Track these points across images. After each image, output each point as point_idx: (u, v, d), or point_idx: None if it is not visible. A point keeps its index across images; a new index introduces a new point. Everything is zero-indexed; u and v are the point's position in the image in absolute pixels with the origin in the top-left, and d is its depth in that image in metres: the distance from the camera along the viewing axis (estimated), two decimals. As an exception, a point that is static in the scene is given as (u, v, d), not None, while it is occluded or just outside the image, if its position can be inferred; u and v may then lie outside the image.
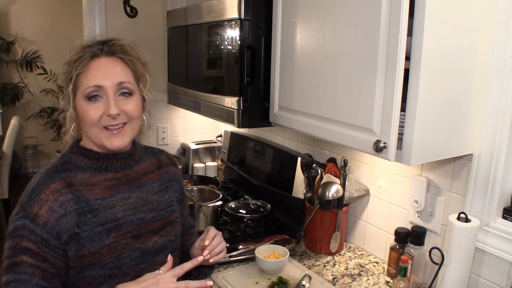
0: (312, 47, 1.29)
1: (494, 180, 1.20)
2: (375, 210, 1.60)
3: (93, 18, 2.23)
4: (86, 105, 0.97)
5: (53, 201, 0.93)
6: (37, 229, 0.91)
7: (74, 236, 0.94)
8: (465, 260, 1.19)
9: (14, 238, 0.91)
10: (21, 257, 0.90)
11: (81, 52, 0.98)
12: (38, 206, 0.92)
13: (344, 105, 1.19)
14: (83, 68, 0.97)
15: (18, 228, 0.92)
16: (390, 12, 1.01)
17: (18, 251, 0.90)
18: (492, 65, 1.15)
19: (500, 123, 1.16)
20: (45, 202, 0.93)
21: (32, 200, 0.93)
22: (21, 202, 0.95)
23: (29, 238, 0.91)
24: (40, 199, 0.93)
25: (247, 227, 1.77)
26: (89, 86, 0.96)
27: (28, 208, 0.92)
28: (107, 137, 0.99)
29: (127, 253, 1.00)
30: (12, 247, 0.91)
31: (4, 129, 4.44)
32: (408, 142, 1.06)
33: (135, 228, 1.02)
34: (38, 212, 0.92)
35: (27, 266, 0.89)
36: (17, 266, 0.89)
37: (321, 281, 1.39)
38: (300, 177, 1.71)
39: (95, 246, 0.96)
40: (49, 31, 4.96)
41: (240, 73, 1.52)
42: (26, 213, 0.92)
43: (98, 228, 0.97)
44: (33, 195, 0.94)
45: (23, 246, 0.90)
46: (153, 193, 1.09)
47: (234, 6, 1.50)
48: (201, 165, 2.43)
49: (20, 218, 0.92)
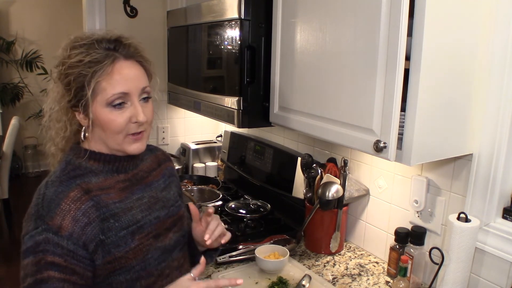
0: (312, 47, 1.29)
1: (494, 180, 1.20)
2: (375, 210, 1.60)
3: (93, 18, 2.23)
4: (110, 112, 0.92)
5: (75, 210, 0.89)
6: (63, 241, 0.86)
7: (100, 244, 0.91)
8: (465, 260, 1.19)
9: (37, 254, 0.86)
10: (47, 273, 0.85)
11: (94, 53, 0.91)
12: (61, 217, 0.87)
13: (344, 105, 1.19)
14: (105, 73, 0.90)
15: (41, 243, 0.86)
16: (390, 12, 1.01)
17: (43, 267, 0.85)
18: (492, 65, 1.15)
19: (500, 123, 1.16)
20: (68, 212, 0.88)
21: (53, 211, 0.87)
22: (38, 215, 0.88)
23: (55, 252, 0.86)
24: (61, 209, 0.88)
25: (247, 227, 1.77)
26: (114, 93, 0.91)
27: (50, 221, 0.87)
28: (129, 143, 0.96)
29: (151, 254, 0.98)
30: (35, 263, 0.85)
31: (4, 129, 4.45)
32: (408, 142, 1.06)
33: (154, 228, 1.01)
34: (62, 223, 0.87)
35: (55, 281, 0.85)
36: (44, 282, 0.84)
37: (321, 281, 1.39)
38: (300, 177, 1.71)
39: (121, 251, 0.93)
40: (49, 31, 4.97)
41: (240, 73, 1.52)
42: (48, 226, 0.86)
43: (122, 232, 0.94)
44: (53, 206, 0.88)
45: (48, 261, 0.85)
46: (160, 190, 1.09)
47: (234, 6, 1.50)
48: (201, 165, 2.43)
49: (41, 232, 0.86)
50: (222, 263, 1.48)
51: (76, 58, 0.91)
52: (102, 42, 0.93)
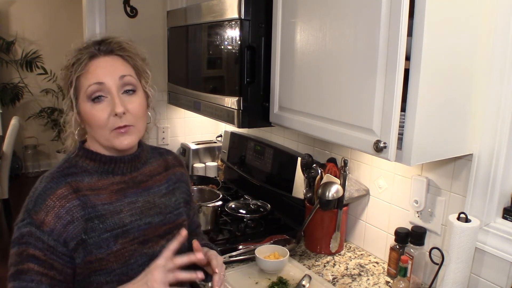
0: (312, 47, 1.29)
1: (494, 180, 1.20)
2: (375, 210, 1.60)
3: (93, 18, 2.23)
4: (91, 107, 0.93)
5: (59, 207, 0.90)
6: (44, 236, 0.89)
7: (81, 243, 0.92)
8: (465, 260, 1.19)
9: (21, 245, 0.89)
10: (27, 265, 0.88)
11: (78, 55, 0.95)
12: (45, 212, 0.89)
13: (344, 105, 1.19)
14: (82, 70, 0.93)
15: (24, 235, 0.89)
16: (390, 12, 1.01)
17: (25, 258, 0.88)
18: (492, 65, 1.15)
19: (500, 123, 1.16)
20: (52, 208, 0.90)
21: (38, 206, 0.90)
22: (26, 208, 0.92)
23: (36, 246, 0.88)
24: (46, 205, 0.90)
25: (247, 227, 1.77)
26: (90, 84, 0.92)
27: (34, 215, 0.89)
28: (116, 137, 0.95)
29: (134, 259, 0.97)
30: (19, 254, 0.89)
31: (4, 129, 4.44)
32: (408, 142, 1.06)
33: (142, 234, 1.00)
34: (45, 219, 0.89)
35: (34, 274, 0.87)
36: (24, 273, 0.87)
37: (321, 281, 1.39)
38: (300, 177, 1.71)
39: (102, 253, 0.93)
40: (49, 31, 4.97)
41: (240, 73, 1.52)
42: (32, 220, 0.89)
43: (105, 234, 0.94)
44: (39, 201, 0.90)
45: (29, 253, 0.88)
46: (160, 196, 1.07)
47: (234, 6, 1.50)
48: (201, 165, 2.43)
49: (26, 224, 0.90)
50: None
51: (66, 63, 0.96)
52: (89, 46, 0.97)
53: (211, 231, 1.65)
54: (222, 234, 1.72)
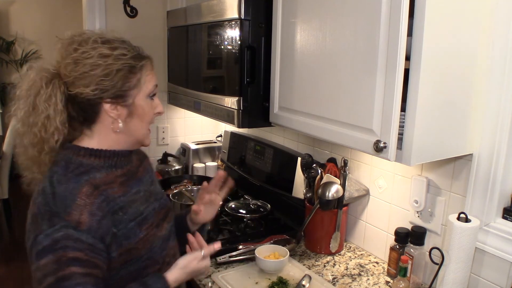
0: (312, 47, 1.29)
1: (494, 180, 1.20)
2: (375, 210, 1.60)
3: (93, 18, 2.23)
4: (150, 103, 1.02)
5: (91, 205, 0.90)
6: (82, 236, 0.87)
7: (113, 236, 0.93)
8: (465, 260, 1.19)
9: (56, 252, 0.85)
10: (69, 269, 0.84)
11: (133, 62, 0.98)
12: (78, 212, 0.88)
13: (344, 105, 1.19)
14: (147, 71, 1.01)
15: (60, 240, 0.85)
16: (390, 12, 1.01)
17: (65, 264, 0.85)
18: (492, 65, 1.15)
19: (500, 123, 1.16)
20: (84, 207, 0.89)
21: (69, 207, 0.88)
22: (52, 213, 0.88)
23: (75, 247, 0.86)
24: (77, 205, 0.88)
25: (247, 227, 1.77)
26: (154, 85, 1.03)
27: (67, 217, 0.87)
28: (148, 135, 1.06)
29: (155, 243, 1.03)
30: (55, 261, 0.85)
31: (4, 129, 4.44)
32: (408, 142, 1.06)
33: (154, 219, 1.05)
34: (80, 218, 0.87)
35: (78, 277, 0.85)
36: (66, 279, 0.84)
37: (321, 281, 1.39)
38: (300, 177, 1.71)
39: (131, 242, 0.97)
40: (49, 31, 4.96)
41: (240, 73, 1.52)
42: (66, 222, 0.87)
43: (131, 224, 0.97)
44: (68, 202, 0.88)
45: (69, 257, 0.85)
46: (150, 185, 1.12)
47: (234, 6, 1.50)
48: (201, 165, 2.43)
49: (60, 229, 0.86)
50: (222, 263, 1.48)
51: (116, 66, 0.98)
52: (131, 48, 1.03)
53: (211, 231, 1.65)
54: (222, 234, 1.72)
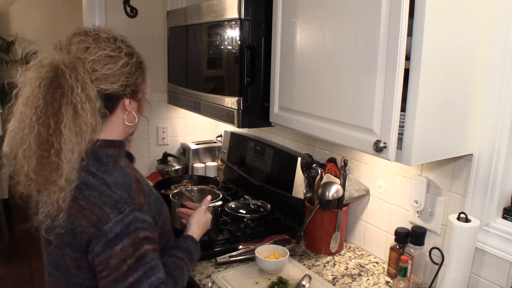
0: (312, 47, 1.29)
1: (494, 180, 1.20)
2: (375, 210, 1.60)
3: (93, 18, 2.23)
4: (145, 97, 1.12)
5: (141, 189, 1.00)
6: (146, 216, 0.96)
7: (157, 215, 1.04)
8: (465, 260, 1.19)
9: (131, 234, 0.91)
10: (144, 248, 0.92)
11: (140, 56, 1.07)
12: (138, 196, 0.96)
13: (344, 105, 1.19)
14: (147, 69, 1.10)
15: (131, 223, 0.92)
16: (390, 12, 1.01)
17: (139, 244, 0.91)
18: (492, 65, 1.15)
19: (500, 123, 1.16)
20: (140, 191, 0.98)
21: (131, 192, 0.96)
22: (116, 200, 0.93)
23: (144, 227, 0.93)
24: (135, 190, 0.97)
25: (247, 227, 1.77)
26: None
27: (132, 201, 0.94)
28: None
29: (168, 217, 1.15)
30: (131, 244, 0.90)
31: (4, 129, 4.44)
32: (408, 142, 1.06)
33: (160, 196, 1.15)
34: (141, 201, 0.96)
35: (151, 253, 0.93)
36: (143, 257, 0.91)
37: (321, 281, 1.39)
38: (300, 177, 1.71)
39: (162, 218, 1.07)
40: (49, 31, 4.96)
41: (240, 73, 1.52)
42: (133, 206, 0.94)
43: (158, 203, 1.07)
44: (128, 189, 0.96)
45: (141, 237, 0.92)
46: None
47: (234, 6, 1.50)
48: (201, 165, 2.43)
49: (129, 213, 0.92)
50: (222, 263, 1.48)
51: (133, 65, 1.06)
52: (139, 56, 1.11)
53: (211, 231, 1.65)
54: (222, 234, 1.72)
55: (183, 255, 1.08)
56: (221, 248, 1.59)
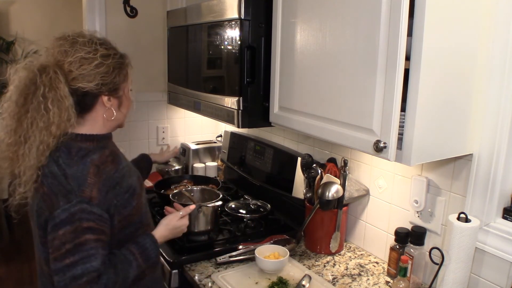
0: (312, 47, 1.29)
1: (494, 180, 1.20)
2: (375, 210, 1.60)
3: (93, 18, 2.23)
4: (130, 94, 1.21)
5: (98, 182, 1.07)
6: (94, 209, 1.04)
7: (115, 207, 1.10)
8: (465, 260, 1.19)
9: (74, 223, 1.02)
10: (84, 237, 1.02)
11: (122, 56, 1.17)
12: (90, 190, 1.05)
13: (344, 105, 1.19)
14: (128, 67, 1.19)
15: (76, 213, 1.02)
16: (390, 12, 1.01)
17: (81, 232, 1.02)
18: (492, 65, 1.15)
19: (500, 123, 1.16)
20: (94, 185, 1.06)
21: (83, 185, 1.05)
22: (67, 191, 1.04)
23: (89, 219, 1.03)
24: (89, 183, 1.05)
25: (247, 227, 1.77)
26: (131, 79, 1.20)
27: (82, 194, 1.04)
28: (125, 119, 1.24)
29: (143, 209, 1.21)
30: (73, 231, 1.01)
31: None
32: (408, 142, 1.06)
33: (138, 188, 1.21)
34: (91, 194, 1.05)
35: (92, 243, 1.02)
36: (82, 245, 1.01)
37: (321, 281, 1.39)
38: (300, 177, 1.71)
39: (127, 210, 1.14)
40: (49, 31, 4.95)
41: (240, 73, 1.52)
42: (81, 198, 1.03)
43: (126, 195, 1.13)
44: (81, 181, 1.05)
45: (84, 227, 1.02)
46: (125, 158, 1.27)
47: (234, 6, 1.50)
48: (201, 165, 2.43)
49: (76, 204, 1.03)
50: (222, 263, 1.48)
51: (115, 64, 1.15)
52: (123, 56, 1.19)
53: (211, 231, 1.65)
54: (222, 234, 1.72)
55: (136, 251, 1.14)
56: (221, 248, 1.59)
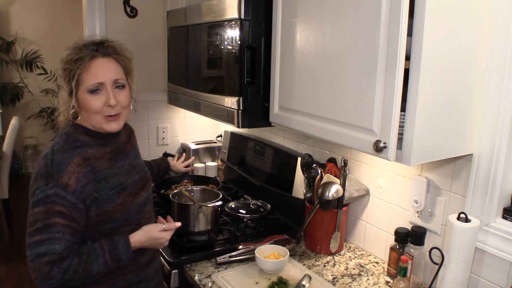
0: (312, 47, 1.29)
1: (494, 180, 1.20)
2: (375, 210, 1.60)
3: (93, 18, 2.23)
4: (89, 97, 1.17)
5: (78, 172, 1.12)
6: (68, 196, 1.10)
7: (94, 200, 1.15)
8: (465, 260, 1.19)
9: (47, 204, 1.09)
10: (54, 219, 1.08)
11: (80, 53, 1.16)
12: (68, 177, 1.11)
13: (344, 105, 1.19)
14: (84, 67, 1.15)
15: (50, 196, 1.09)
16: (390, 12, 1.01)
17: (51, 215, 1.08)
18: (492, 65, 1.15)
19: (500, 123, 1.16)
20: (73, 174, 1.11)
21: (62, 172, 1.11)
22: (48, 175, 1.10)
23: (61, 204, 1.09)
24: (68, 171, 1.11)
25: (247, 227, 1.77)
26: (93, 83, 1.16)
27: (59, 179, 1.10)
28: (106, 122, 1.20)
29: (131, 208, 1.24)
30: (45, 211, 1.08)
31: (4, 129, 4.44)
32: (408, 142, 1.06)
33: (133, 188, 1.26)
34: (68, 182, 1.10)
35: (60, 226, 1.09)
36: (51, 227, 1.08)
37: (321, 281, 1.39)
38: (300, 177, 1.71)
39: (109, 206, 1.18)
40: (49, 31, 4.97)
41: (240, 73, 1.52)
42: (57, 183, 1.10)
43: (111, 192, 1.19)
44: (62, 168, 1.11)
45: (55, 210, 1.08)
46: (134, 159, 1.34)
47: (234, 6, 1.50)
48: (201, 165, 2.43)
49: (52, 187, 1.09)
50: (222, 263, 1.48)
51: (68, 57, 1.17)
52: (88, 45, 1.18)
53: (211, 231, 1.65)
54: (222, 234, 1.72)
55: (107, 247, 1.16)
56: (221, 248, 1.59)
